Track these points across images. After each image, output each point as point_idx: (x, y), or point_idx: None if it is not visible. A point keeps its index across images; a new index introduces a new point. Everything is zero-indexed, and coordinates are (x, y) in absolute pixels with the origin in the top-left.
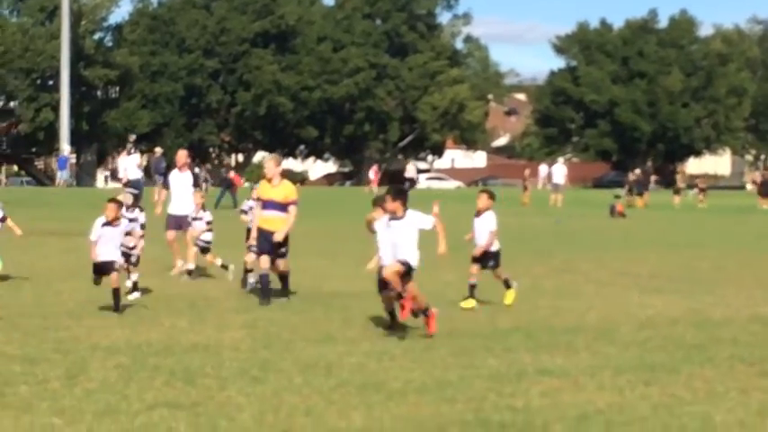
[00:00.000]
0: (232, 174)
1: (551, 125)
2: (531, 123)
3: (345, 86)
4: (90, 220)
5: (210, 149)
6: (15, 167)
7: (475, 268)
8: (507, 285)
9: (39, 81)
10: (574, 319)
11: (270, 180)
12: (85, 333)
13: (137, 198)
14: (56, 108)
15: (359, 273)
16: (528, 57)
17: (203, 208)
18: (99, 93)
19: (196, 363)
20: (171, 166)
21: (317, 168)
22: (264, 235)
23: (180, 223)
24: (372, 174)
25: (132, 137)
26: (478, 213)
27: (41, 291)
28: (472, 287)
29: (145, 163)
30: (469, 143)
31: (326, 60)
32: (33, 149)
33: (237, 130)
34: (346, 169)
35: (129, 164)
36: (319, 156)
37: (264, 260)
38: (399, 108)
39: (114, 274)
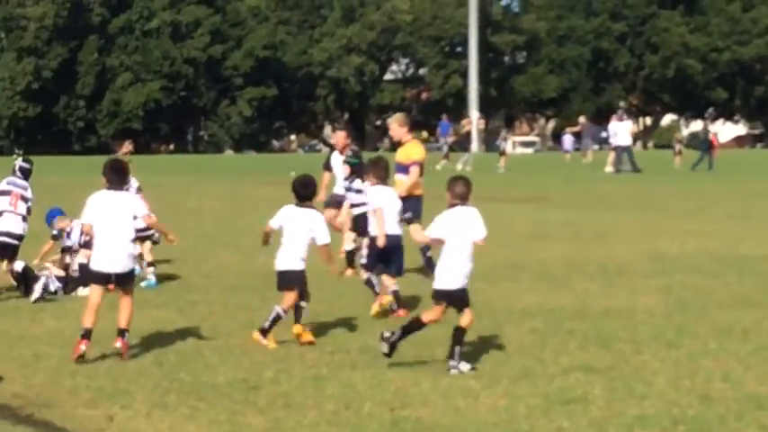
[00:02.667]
0: (711, 135)
1: None
2: None
3: (756, 47)
4: (501, 185)
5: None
6: (425, 133)
7: None
8: None
9: (447, 48)
10: None
11: (397, 142)
12: (498, 297)
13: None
14: (464, 74)
15: None
16: None
17: None
18: (506, 58)
19: (609, 327)
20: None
21: (727, 131)
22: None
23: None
24: None
25: (622, 103)
26: None
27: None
28: None
29: (635, 129)
30: None
31: (736, 20)
32: (442, 116)
33: (645, 94)
34: (757, 131)
35: (621, 129)
36: (729, 118)
37: None
38: None
39: None
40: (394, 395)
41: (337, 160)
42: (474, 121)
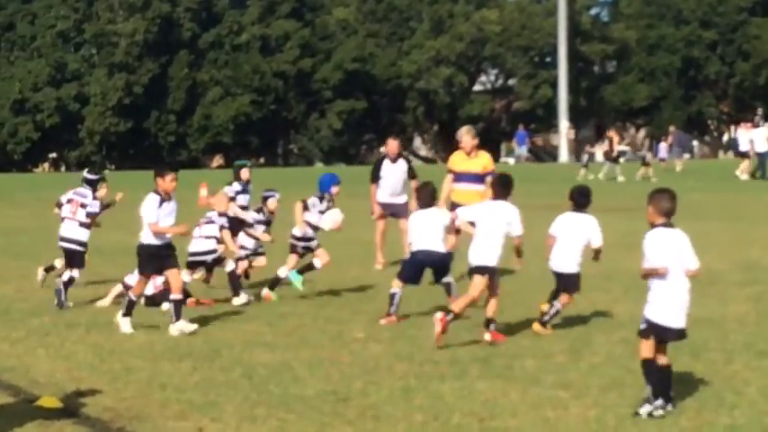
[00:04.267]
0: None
1: None
2: None
3: None
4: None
5: (709, 122)
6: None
7: None
8: None
9: (536, 58)
10: None
11: (468, 153)
12: (589, 307)
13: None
14: (554, 84)
15: None
16: None
17: None
18: (596, 68)
19: (700, 337)
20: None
21: None
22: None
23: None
24: None
25: (760, 109)
26: None
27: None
28: None
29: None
30: None
31: None
32: (532, 126)
33: (737, 102)
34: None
35: (758, 136)
36: None
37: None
38: None
39: None
40: (483, 406)
41: (389, 168)
42: (564, 131)
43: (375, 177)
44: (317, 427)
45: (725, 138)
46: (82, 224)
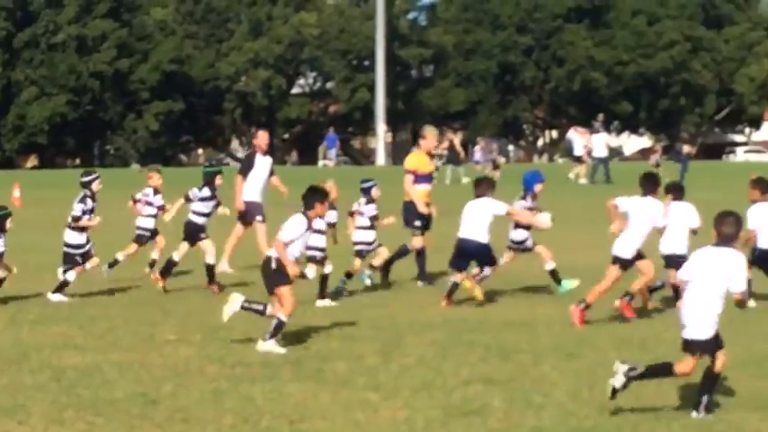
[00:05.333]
0: (686, 148)
1: None
2: None
3: (660, 60)
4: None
5: (524, 126)
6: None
7: None
8: None
9: (354, 62)
10: None
11: (431, 154)
12: (401, 310)
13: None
14: (371, 88)
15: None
16: None
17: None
18: (413, 72)
19: (510, 338)
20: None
21: (632, 143)
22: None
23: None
24: None
25: (600, 116)
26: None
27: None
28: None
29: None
30: None
31: (641, 34)
32: (349, 129)
33: (551, 107)
34: (662, 144)
35: (597, 141)
36: (634, 130)
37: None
38: (715, 81)
39: None
40: (293, 408)
41: (261, 163)
42: (381, 134)
43: (245, 171)
44: (125, 430)
45: (539, 142)
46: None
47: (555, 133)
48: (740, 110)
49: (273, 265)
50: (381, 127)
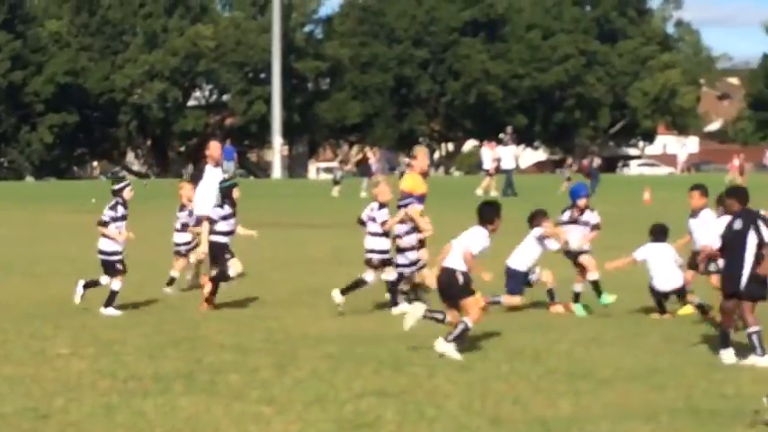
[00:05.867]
0: (597, 161)
1: (765, 109)
2: (745, 107)
3: (555, 74)
4: (302, 211)
5: (420, 139)
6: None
7: (690, 275)
8: None
9: (251, 74)
10: None
11: (425, 174)
12: (295, 323)
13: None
14: (268, 101)
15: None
16: (740, 40)
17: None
18: (310, 85)
19: (404, 351)
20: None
21: (528, 156)
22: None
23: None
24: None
25: (509, 128)
26: (694, 213)
27: (253, 281)
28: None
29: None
30: (681, 129)
31: (536, 48)
32: (246, 142)
33: (447, 120)
34: (557, 157)
35: (505, 154)
36: (529, 143)
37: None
38: (609, 94)
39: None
40: (185, 422)
41: (212, 175)
42: (277, 147)
43: (195, 182)
44: None
45: (436, 155)
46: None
47: (451, 146)
48: (634, 123)
49: (461, 279)
50: (278, 140)
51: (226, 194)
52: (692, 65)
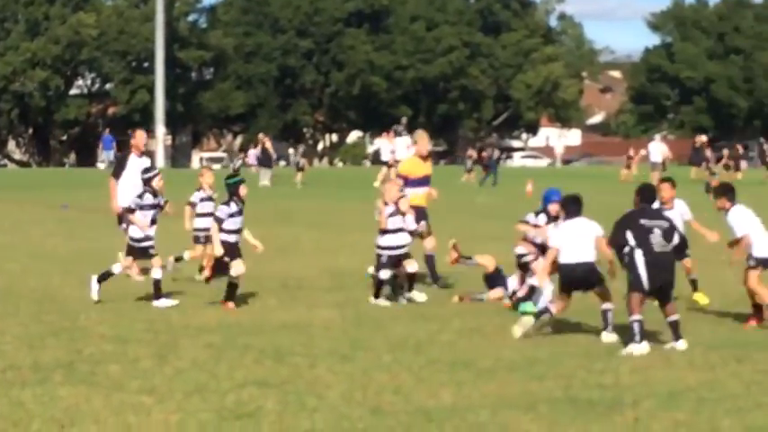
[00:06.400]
0: (497, 153)
1: (646, 102)
2: (626, 101)
3: (439, 65)
4: (184, 200)
5: (304, 130)
6: None
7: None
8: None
9: (134, 63)
10: None
11: (425, 157)
12: (177, 313)
13: None
14: (151, 90)
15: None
16: (622, 34)
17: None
18: (193, 74)
19: (286, 342)
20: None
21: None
22: (422, 210)
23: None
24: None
25: (404, 119)
26: (665, 204)
27: None
28: None
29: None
30: (564, 121)
31: (420, 39)
32: (129, 131)
33: (331, 111)
34: (440, 148)
35: (400, 145)
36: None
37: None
38: (493, 86)
39: None
40: (64, 412)
41: (135, 165)
42: (160, 136)
43: (118, 173)
44: None
45: (320, 146)
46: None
47: (335, 137)
48: (517, 116)
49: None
50: (161, 129)
51: (233, 192)
52: (575, 58)
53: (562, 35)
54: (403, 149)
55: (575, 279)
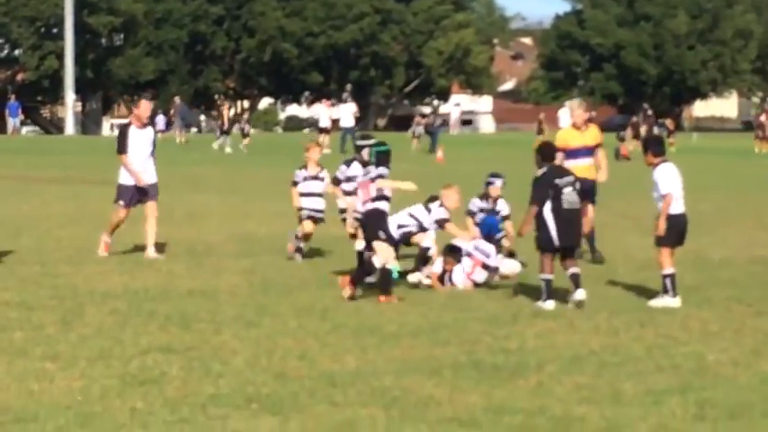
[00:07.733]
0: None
1: (557, 69)
2: (537, 68)
3: (350, 32)
4: (94, 167)
5: (215, 96)
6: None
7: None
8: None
9: (43, 29)
10: None
11: (580, 127)
12: (83, 280)
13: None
14: (60, 56)
15: None
16: (533, 1)
17: None
18: (103, 40)
19: (192, 308)
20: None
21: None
22: (589, 183)
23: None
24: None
25: (348, 86)
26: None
27: (41, 238)
28: None
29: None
30: (475, 88)
31: (331, 6)
32: (38, 98)
33: (242, 77)
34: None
35: (345, 112)
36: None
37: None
38: (404, 53)
39: None
40: None
41: (138, 137)
42: (70, 103)
43: (124, 147)
44: None
45: (231, 112)
46: None
47: (246, 103)
48: (428, 82)
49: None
50: (70, 96)
51: (386, 159)
52: (486, 25)
53: (473, 2)
54: (349, 116)
55: (684, 230)
